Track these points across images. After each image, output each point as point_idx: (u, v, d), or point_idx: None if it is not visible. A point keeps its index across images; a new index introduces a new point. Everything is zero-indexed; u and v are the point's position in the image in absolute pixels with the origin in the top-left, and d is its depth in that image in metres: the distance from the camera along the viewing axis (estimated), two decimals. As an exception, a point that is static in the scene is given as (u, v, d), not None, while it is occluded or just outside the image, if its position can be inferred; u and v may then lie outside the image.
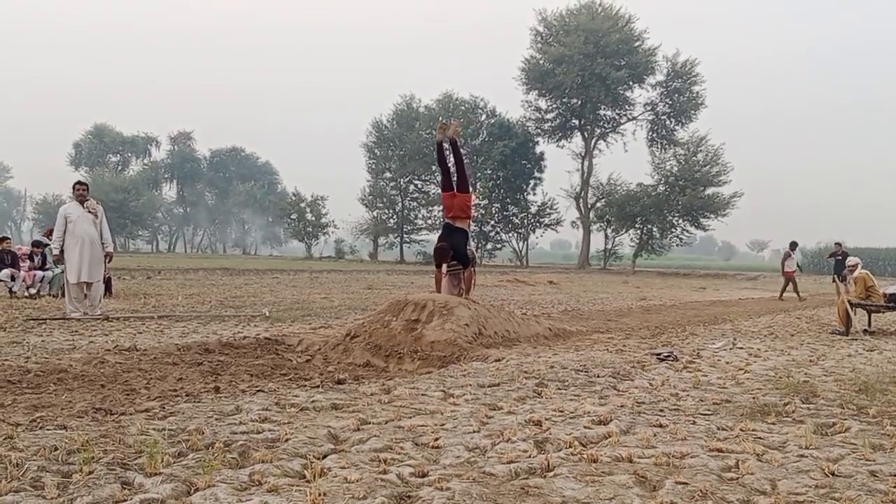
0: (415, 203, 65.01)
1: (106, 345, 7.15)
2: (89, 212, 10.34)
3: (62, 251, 10.15)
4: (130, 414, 4.18)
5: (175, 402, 4.54)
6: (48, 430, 3.72)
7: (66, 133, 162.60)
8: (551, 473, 3.20)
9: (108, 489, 2.80)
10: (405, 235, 64.03)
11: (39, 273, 13.77)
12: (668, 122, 57.86)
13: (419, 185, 64.12)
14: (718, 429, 4.13)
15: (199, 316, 10.50)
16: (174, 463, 3.18)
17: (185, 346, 7.15)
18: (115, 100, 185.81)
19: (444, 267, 8.88)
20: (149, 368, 5.88)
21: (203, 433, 3.68)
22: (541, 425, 4.08)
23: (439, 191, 55.54)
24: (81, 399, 4.60)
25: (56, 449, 3.30)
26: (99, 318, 9.64)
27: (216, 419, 4.03)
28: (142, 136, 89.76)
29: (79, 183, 10.66)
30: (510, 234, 62.80)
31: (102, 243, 10.39)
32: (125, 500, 2.70)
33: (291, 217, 68.19)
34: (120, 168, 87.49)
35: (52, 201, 75.13)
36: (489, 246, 62.09)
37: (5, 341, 7.23)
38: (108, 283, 12.80)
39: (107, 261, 10.61)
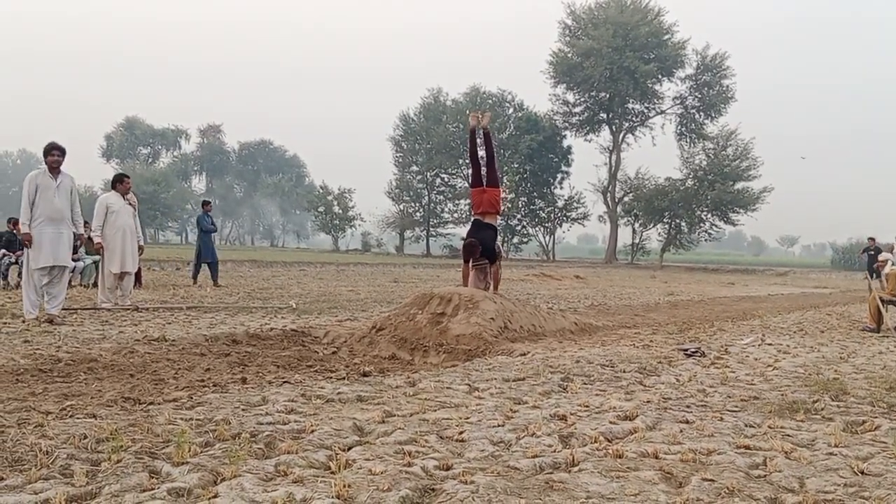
0: (441, 197, 64.99)
1: (135, 335, 7.25)
2: (129, 204, 10.53)
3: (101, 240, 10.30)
4: (159, 403, 4.22)
5: (203, 393, 4.58)
6: (78, 418, 3.78)
7: (95, 126, 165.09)
8: (576, 468, 3.18)
9: (136, 478, 2.84)
10: (431, 229, 64.06)
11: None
12: (697, 115, 57.31)
13: (446, 179, 64.08)
14: (746, 426, 4.08)
15: (226, 307, 10.61)
16: (201, 453, 3.20)
17: (213, 336, 7.23)
18: (144, 93, 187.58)
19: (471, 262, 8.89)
20: (177, 359, 5.95)
21: (230, 423, 3.71)
22: (566, 420, 4.06)
23: (466, 184, 55.54)
24: (111, 388, 4.66)
25: (85, 437, 3.35)
26: (129, 309, 9.77)
27: (243, 410, 4.07)
28: (172, 129, 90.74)
29: (127, 176, 10.92)
30: (537, 229, 62.64)
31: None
32: (152, 489, 2.73)
33: (319, 210, 68.56)
34: (150, 160, 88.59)
35: (83, 192, 76.16)
36: (515, 240, 61.94)
37: (37, 330, 7.35)
38: (137, 274, 12.95)
39: (139, 253, 10.78)
